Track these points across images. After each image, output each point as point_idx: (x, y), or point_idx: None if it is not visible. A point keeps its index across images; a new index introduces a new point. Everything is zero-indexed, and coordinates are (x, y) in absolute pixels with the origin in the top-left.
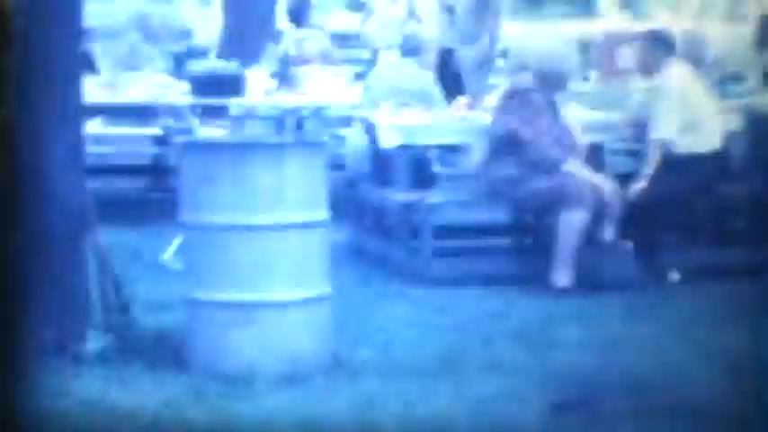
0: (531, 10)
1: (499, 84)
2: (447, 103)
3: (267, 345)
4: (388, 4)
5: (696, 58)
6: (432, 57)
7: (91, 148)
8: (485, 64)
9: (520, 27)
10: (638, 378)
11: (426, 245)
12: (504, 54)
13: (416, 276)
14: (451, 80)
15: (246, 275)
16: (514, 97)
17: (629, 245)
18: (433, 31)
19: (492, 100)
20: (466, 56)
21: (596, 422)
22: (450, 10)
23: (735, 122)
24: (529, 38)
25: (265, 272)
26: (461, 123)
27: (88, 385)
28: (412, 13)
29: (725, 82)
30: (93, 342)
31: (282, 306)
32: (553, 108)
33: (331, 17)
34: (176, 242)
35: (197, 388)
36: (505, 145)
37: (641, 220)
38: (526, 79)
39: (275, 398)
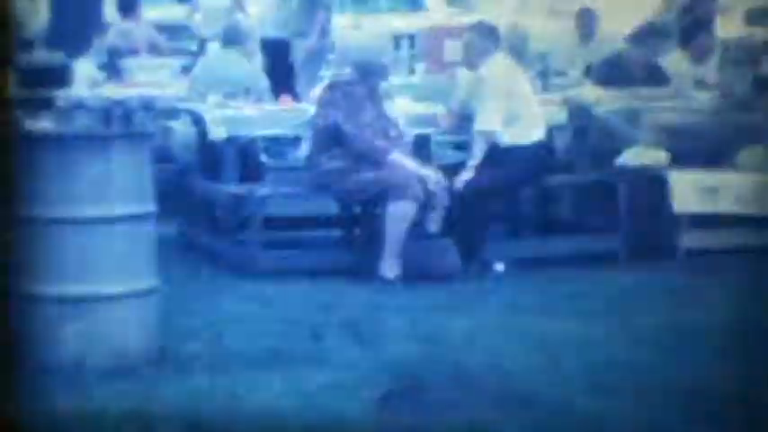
0: (359, 3)
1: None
2: (279, 95)
3: (94, 338)
4: None
5: (519, 52)
6: (254, 47)
7: None
8: (316, 56)
9: (348, 20)
10: (464, 367)
11: (255, 237)
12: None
13: (245, 269)
14: (284, 72)
15: (73, 269)
16: (336, 90)
17: (455, 236)
18: (255, 21)
19: (317, 92)
20: (298, 48)
21: (424, 412)
22: (282, 1)
23: (558, 115)
24: (353, 31)
25: (92, 265)
26: (290, 115)
27: None
28: (237, 3)
29: (548, 75)
30: None
31: (109, 299)
32: (376, 100)
33: (159, 8)
34: None
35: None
36: (330, 137)
37: (467, 210)
38: (347, 72)
39: (102, 390)
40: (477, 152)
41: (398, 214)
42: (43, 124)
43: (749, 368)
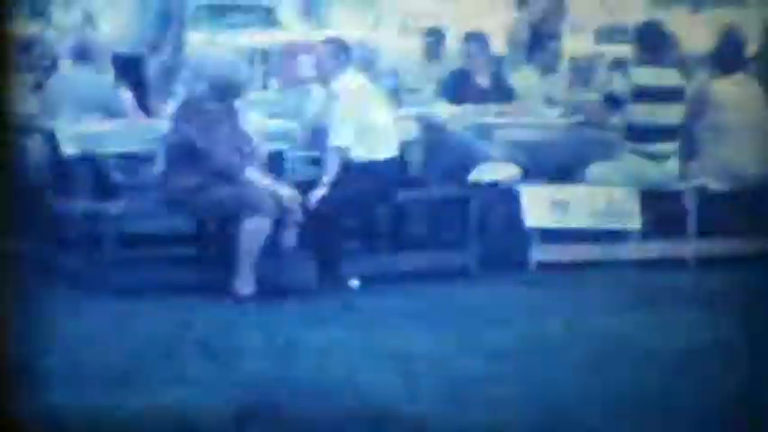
0: (213, 19)
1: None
2: (136, 111)
3: None
4: (64, 10)
5: (371, 68)
6: (106, 63)
7: None
8: (169, 72)
9: (204, 36)
10: (319, 384)
11: (108, 255)
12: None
13: (98, 287)
14: (137, 88)
15: None
16: (190, 106)
17: (310, 252)
18: (107, 37)
19: (171, 109)
20: (151, 64)
21: (280, 428)
22: (135, 16)
23: (410, 131)
24: (208, 47)
25: None
26: (143, 131)
27: None
28: (89, 20)
29: (400, 91)
30: None
31: None
32: (230, 116)
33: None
34: None
35: None
36: (184, 154)
37: (322, 226)
38: (201, 88)
39: None
40: (331, 168)
41: (252, 231)
42: None
43: (603, 378)
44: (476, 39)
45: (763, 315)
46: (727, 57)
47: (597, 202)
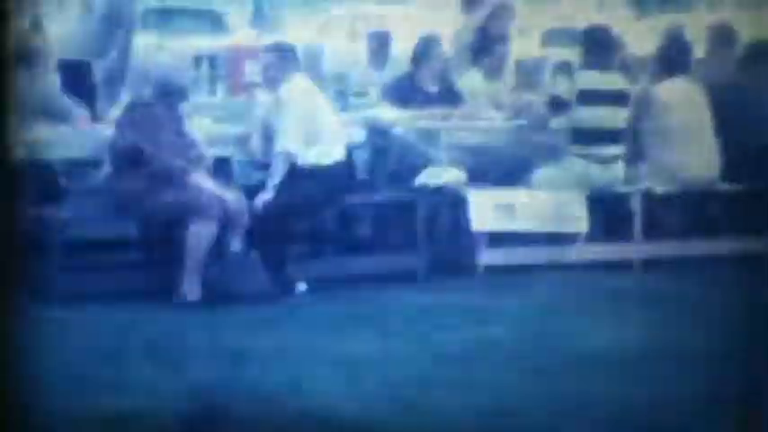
0: (162, 23)
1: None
2: (83, 116)
3: None
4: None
5: (318, 72)
6: (52, 68)
7: None
8: (116, 76)
9: (151, 40)
10: (266, 388)
11: (54, 261)
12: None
13: (42, 293)
14: (83, 93)
15: None
16: (136, 110)
17: (258, 256)
18: (53, 41)
19: (117, 113)
20: (97, 68)
21: None
22: (82, 21)
23: (357, 135)
24: (154, 51)
25: None
26: (90, 137)
27: None
28: (34, 24)
29: (346, 95)
30: None
31: None
32: (176, 121)
33: None
34: None
35: None
36: (129, 158)
37: (269, 231)
38: (147, 93)
39: None
40: (278, 172)
41: (198, 235)
42: None
43: (549, 381)
44: (429, 42)
45: (707, 317)
46: (671, 59)
47: (543, 205)
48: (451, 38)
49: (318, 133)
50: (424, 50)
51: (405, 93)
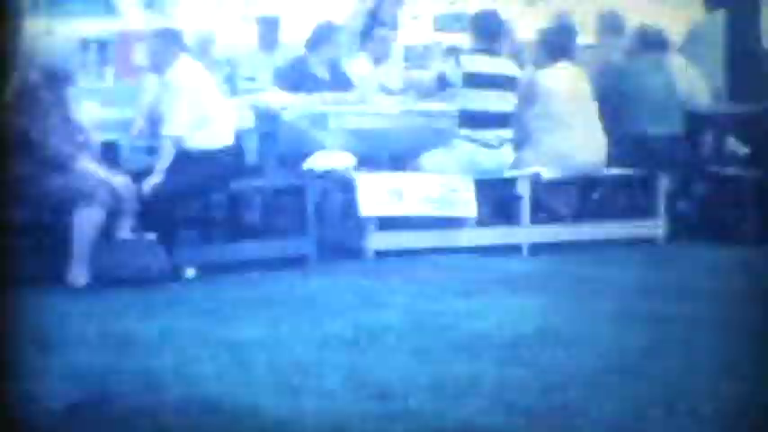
0: (52, 7)
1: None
2: None
3: None
4: None
5: (205, 55)
6: None
7: None
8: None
9: (41, 24)
10: (152, 374)
11: None
12: None
13: None
14: None
15: None
16: (23, 95)
17: (147, 241)
18: None
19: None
20: None
21: (110, 420)
22: None
23: (246, 119)
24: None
25: None
26: None
27: None
28: None
29: (235, 79)
30: None
31: None
32: (63, 105)
33: None
34: None
35: None
36: (17, 144)
37: (157, 216)
38: (34, 77)
39: None
40: (166, 156)
41: (85, 220)
42: None
43: (436, 365)
44: (326, 28)
45: (593, 301)
46: (554, 45)
47: (432, 189)
48: (342, 23)
49: (207, 117)
50: (320, 36)
51: (296, 78)
